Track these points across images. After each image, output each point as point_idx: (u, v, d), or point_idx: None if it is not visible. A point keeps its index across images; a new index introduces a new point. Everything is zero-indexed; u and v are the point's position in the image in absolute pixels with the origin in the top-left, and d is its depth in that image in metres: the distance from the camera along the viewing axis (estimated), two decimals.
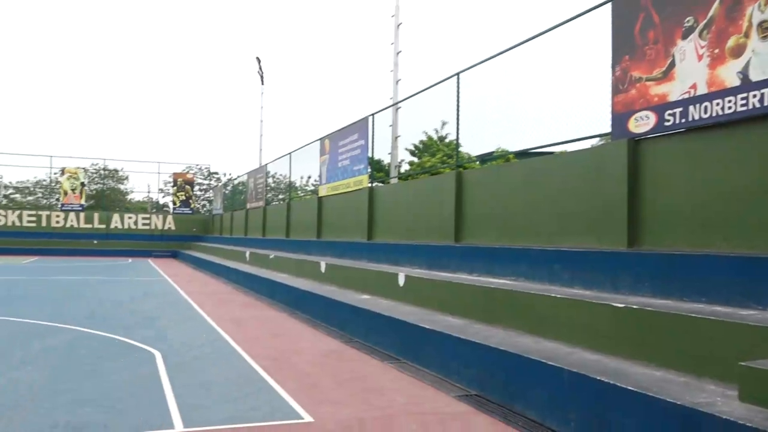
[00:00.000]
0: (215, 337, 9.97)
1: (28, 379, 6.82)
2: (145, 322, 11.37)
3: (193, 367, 7.62)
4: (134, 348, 8.76)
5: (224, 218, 35.84)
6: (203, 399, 6.15)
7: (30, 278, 21.00)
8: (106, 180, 47.09)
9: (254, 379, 7.14)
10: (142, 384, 6.69)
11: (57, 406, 5.78)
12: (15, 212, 38.95)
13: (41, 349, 8.57)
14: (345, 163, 16.49)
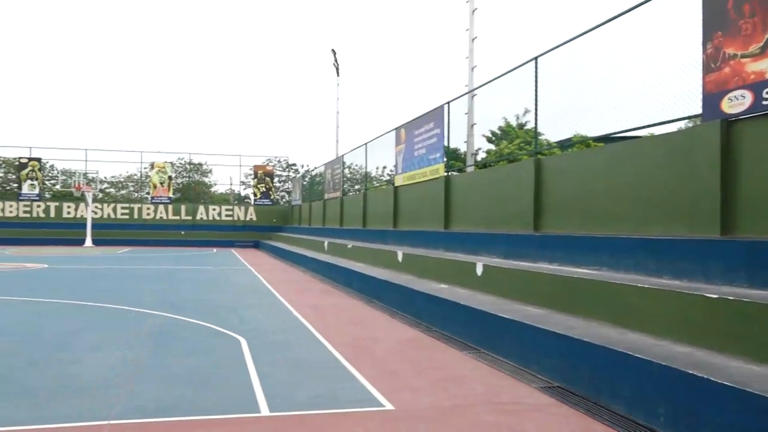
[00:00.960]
0: (296, 324, 10.23)
1: (122, 358, 7.24)
2: (230, 309, 11.82)
3: (276, 353, 7.85)
4: (220, 334, 9.12)
5: (303, 209, 36.64)
6: (286, 384, 6.33)
7: (124, 267, 22.28)
8: (191, 173, 49.15)
9: (334, 366, 7.28)
10: (228, 368, 6.96)
11: (152, 384, 6.12)
12: (110, 206, 41.38)
13: (137, 333, 9.07)
14: (421, 152, 16.46)
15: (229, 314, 11.07)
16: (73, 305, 11.95)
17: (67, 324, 9.85)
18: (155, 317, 10.56)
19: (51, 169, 44.21)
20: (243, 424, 5.04)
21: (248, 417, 5.22)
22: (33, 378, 6.40)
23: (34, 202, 39.87)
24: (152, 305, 11.97)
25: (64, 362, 7.13)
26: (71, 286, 15.64)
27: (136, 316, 10.75)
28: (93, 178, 39.61)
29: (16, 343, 8.17)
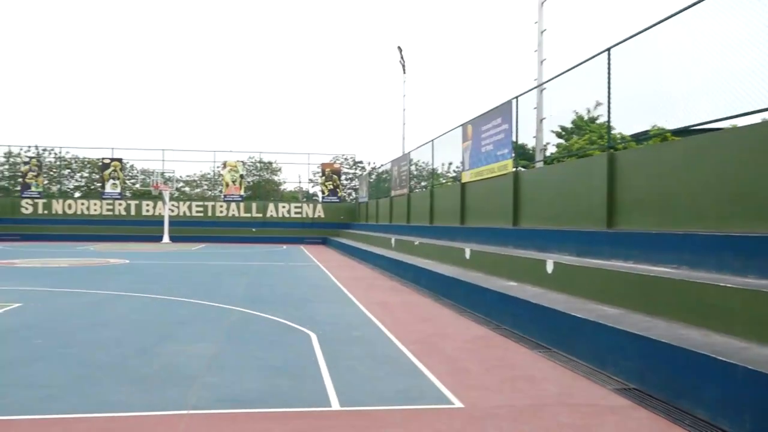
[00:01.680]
0: (365, 321, 10.32)
1: (201, 353, 7.51)
2: (301, 304, 12.06)
3: (346, 349, 7.95)
4: (292, 329, 9.32)
5: (369, 206, 36.93)
6: (356, 379, 6.39)
7: (200, 263, 23.12)
8: (261, 172, 50.39)
9: (403, 362, 7.30)
10: (300, 362, 7.10)
11: (228, 377, 6.32)
12: (185, 203, 43.02)
13: (211, 327, 9.40)
14: (488, 148, 16.26)
15: (300, 310, 11.29)
16: (155, 299, 12.49)
17: (150, 317, 10.30)
18: (231, 312, 10.90)
19: (131, 169, 46.33)
20: (315, 418, 5.13)
21: (320, 411, 5.31)
22: (138, 367, 6.73)
23: (116, 200, 41.94)
24: (227, 300, 12.36)
25: (149, 354, 7.47)
26: (152, 281, 16.36)
27: (213, 310, 11.13)
28: (170, 177, 41.25)
29: (107, 337, 8.62)
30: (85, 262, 22.88)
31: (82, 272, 18.67)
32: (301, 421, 5.03)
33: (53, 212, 41.20)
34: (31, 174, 41.81)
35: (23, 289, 13.62)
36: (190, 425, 4.87)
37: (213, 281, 16.42)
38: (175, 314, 10.62)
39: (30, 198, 41.25)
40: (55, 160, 45.38)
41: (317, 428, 4.88)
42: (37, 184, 41.84)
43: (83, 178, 47.38)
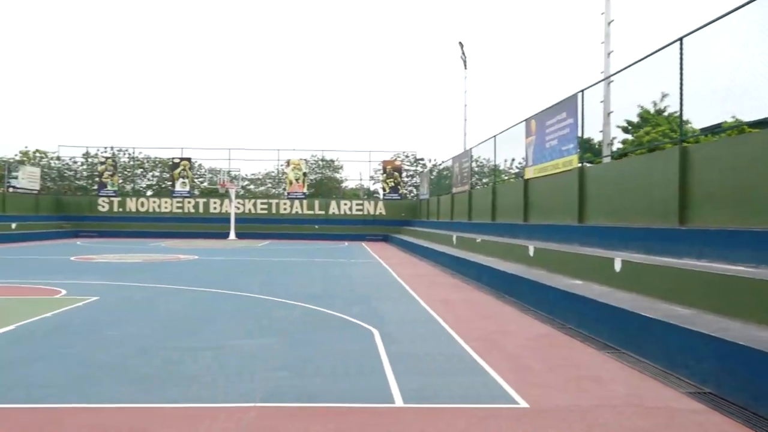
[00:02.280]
0: (427, 317, 10.32)
1: (267, 348, 7.69)
2: (363, 300, 12.16)
3: (408, 345, 7.97)
4: (353, 324, 9.41)
5: (430, 203, 36.84)
6: (419, 376, 6.40)
7: (265, 259, 23.67)
8: (324, 170, 51.07)
9: (465, 359, 7.26)
10: (362, 358, 7.17)
11: (292, 371, 6.45)
12: (250, 201, 44.12)
13: (278, 322, 9.61)
14: (552, 143, 15.92)
15: (362, 306, 11.39)
16: (223, 294, 12.88)
17: (218, 311, 10.63)
18: (295, 307, 11.11)
19: (199, 168, 47.86)
20: (378, 414, 5.17)
21: (383, 407, 5.34)
22: (206, 359, 6.98)
23: (185, 198, 43.45)
24: (292, 296, 12.60)
25: (217, 348, 7.71)
26: (219, 276, 16.87)
27: (279, 305, 11.38)
28: (236, 175, 42.39)
29: (178, 328, 8.95)
30: (157, 257, 23.82)
31: (154, 267, 19.45)
32: (364, 417, 5.08)
33: (127, 210, 43.09)
34: (107, 174, 43.85)
35: (101, 283, 14.30)
36: (257, 418, 4.99)
37: (277, 277, 16.78)
38: (242, 309, 10.91)
39: (106, 196, 43.27)
40: (129, 160, 47.41)
41: (381, 425, 4.92)
42: (112, 183, 43.84)
43: (155, 177, 49.32)
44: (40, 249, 28.32)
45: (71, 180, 48.04)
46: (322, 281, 15.89)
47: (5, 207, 36.74)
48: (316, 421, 4.95)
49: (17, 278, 15.39)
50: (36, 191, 41.57)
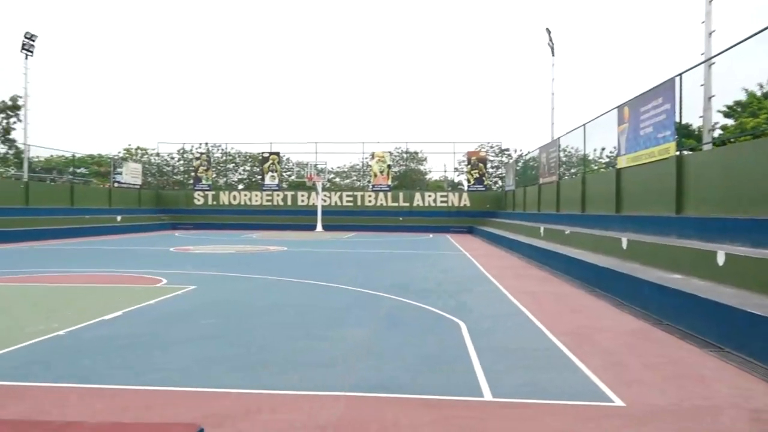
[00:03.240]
0: (514, 311, 10.16)
1: (358, 338, 7.83)
2: (449, 293, 12.13)
3: (495, 339, 7.88)
4: (441, 317, 9.41)
5: (516, 194, 36.16)
6: (507, 370, 6.32)
7: (351, 251, 24.08)
8: (408, 162, 51.26)
9: (555, 354, 7.09)
10: (450, 351, 7.15)
11: (382, 362, 6.54)
12: (336, 194, 44.98)
13: (366, 314, 9.76)
14: (647, 130, 15.20)
15: (449, 298, 11.36)
16: (312, 285, 13.22)
17: (306, 302, 10.93)
18: (383, 299, 11.24)
19: (287, 161, 49.31)
20: (468, 408, 5.14)
21: (472, 400, 5.32)
22: (299, 349, 7.21)
23: (274, 191, 44.86)
24: (379, 287, 12.76)
25: (312, 337, 7.93)
26: (308, 268, 17.32)
27: (366, 297, 11.55)
28: (322, 168, 43.31)
29: (277, 319, 9.29)
30: (249, 249, 24.76)
31: (246, 258, 20.24)
32: (453, 410, 5.07)
33: (221, 203, 45.02)
34: (202, 168, 45.95)
35: (197, 273, 15.05)
36: (348, 407, 5.10)
37: (364, 269, 17.03)
38: (332, 300, 11.15)
39: (201, 190, 45.39)
40: (222, 155, 49.51)
41: (470, 418, 4.90)
42: (207, 178, 45.91)
43: (245, 171, 51.28)
44: (142, 240, 30.14)
45: (169, 175, 50.74)
46: (407, 273, 15.98)
47: (111, 201, 39.32)
48: (406, 413, 4.99)
49: (123, 268, 16.45)
50: (138, 186, 44.20)
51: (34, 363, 6.43)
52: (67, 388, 5.56)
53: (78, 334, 7.80)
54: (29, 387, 5.59)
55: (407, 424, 4.71)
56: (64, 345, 7.24)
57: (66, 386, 5.62)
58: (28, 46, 35.28)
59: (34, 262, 18.12)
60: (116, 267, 16.68)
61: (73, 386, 5.62)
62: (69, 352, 6.92)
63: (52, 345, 7.22)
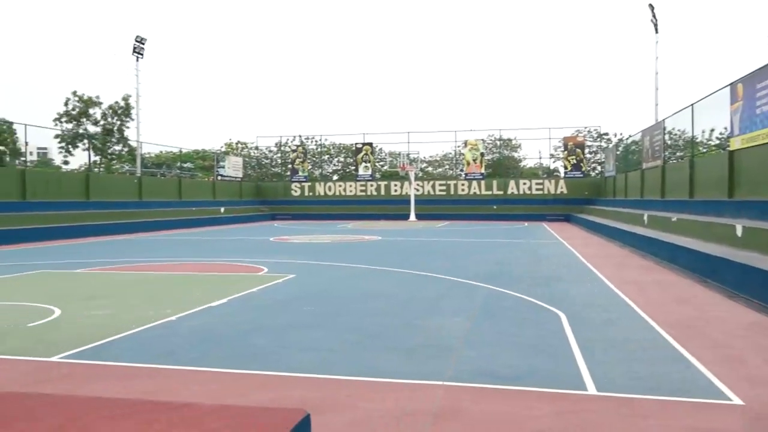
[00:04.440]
0: (616, 301, 9.77)
1: (456, 328, 7.81)
2: (546, 282, 11.84)
3: (598, 330, 7.62)
4: (539, 307, 9.21)
5: (617, 180, 34.67)
6: (612, 363, 6.09)
7: (445, 240, 24.04)
8: (501, 149, 50.37)
9: (662, 346, 6.76)
10: (550, 342, 6.98)
11: (481, 352, 6.49)
12: (429, 183, 44.99)
13: (464, 303, 9.72)
14: (765, 108, 14.08)
15: (546, 288, 11.09)
16: (408, 274, 13.33)
17: (402, 290, 11.02)
18: (479, 288, 11.15)
19: (380, 152, 49.79)
20: (572, 401, 5.00)
21: (575, 393, 5.16)
22: (399, 337, 7.33)
23: (368, 181, 45.50)
24: (474, 276, 12.66)
25: (410, 325, 8.01)
26: (402, 257, 17.47)
27: (462, 286, 11.50)
28: (415, 158, 43.41)
29: (379, 307, 9.46)
30: (344, 238, 25.29)
31: (342, 247, 20.69)
32: (556, 403, 4.94)
33: (316, 194, 46.24)
34: (298, 160, 47.36)
35: (296, 262, 15.55)
36: (448, 396, 5.10)
37: (458, 258, 16.95)
38: (429, 289, 11.19)
39: (298, 182, 46.80)
40: (317, 147, 50.75)
41: (574, 411, 4.76)
42: (303, 170, 47.28)
43: (339, 162, 52.34)
44: (244, 230, 31.52)
45: (268, 167, 52.67)
46: (502, 262, 15.75)
47: (215, 193, 41.35)
48: (505, 404, 4.93)
49: (226, 257, 17.28)
50: (239, 179, 46.20)
51: (149, 346, 6.89)
52: (179, 371, 5.92)
53: (188, 320, 8.28)
54: (144, 368, 5.99)
55: (509, 415, 4.66)
56: (175, 330, 7.70)
57: (178, 368, 5.98)
58: (138, 49, 37.65)
59: (147, 252, 19.39)
60: (220, 256, 17.55)
61: (185, 369, 5.97)
62: (180, 336, 7.35)
63: (164, 330, 7.71)
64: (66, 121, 42.93)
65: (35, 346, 6.88)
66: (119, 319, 8.30)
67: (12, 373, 5.88)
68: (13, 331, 7.67)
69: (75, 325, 7.97)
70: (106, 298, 10.10)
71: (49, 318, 8.38)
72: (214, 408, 2.67)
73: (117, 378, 5.71)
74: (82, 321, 8.25)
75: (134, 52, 37.51)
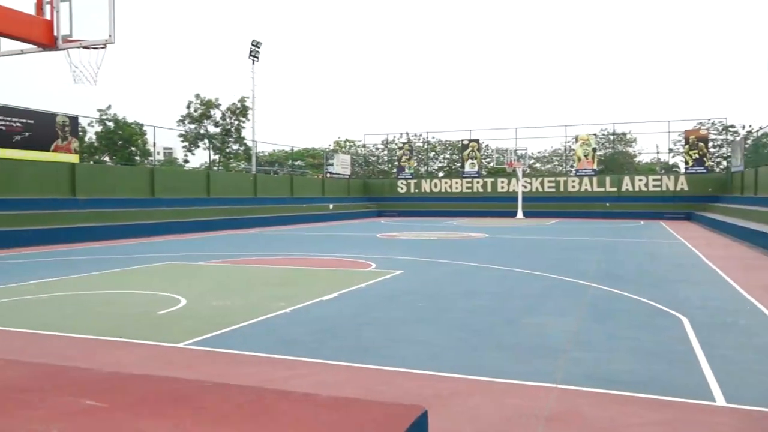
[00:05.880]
0: (747, 306, 9.05)
1: (564, 328, 7.56)
2: (665, 284, 11.19)
3: (727, 337, 7.09)
4: (659, 311, 8.71)
5: (746, 175, 32.09)
6: (744, 373, 5.64)
7: (555, 239, 23.34)
8: (615, 144, 48.16)
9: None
10: (671, 348, 6.58)
11: (595, 354, 6.24)
12: (537, 179, 43.88)
13: (571, 303, 9.39)
14: None
15: (665, 290, 10.48)
16: (514, 272, 13.08)
17: (511, 289, 10.82)
18: (588, 288, 10.73)
19: (487, 148, 49.18)
20: (697, 411, 4.68)
21: (700, 404, 4.83)
22: (506, 335, 7.24)
23: (474, 178, 45.09)
24: (588, 276, 12.20)
25: (516, 324, 7.86)
26: (510, 254, 17.16)
27: (570, 285, 11.12)
28: (522, 154, 42.47)
29: (486, 305, 9.39)
30: (450, 235, 25.20)
31: (448, 244, 20.64)
32: (679, 412, 4.65)
33: (422, 191, 46.43)
34: (405, 158, 47.77)
35: (404, 258, 15.69)
36: (560, 399, 4.95)
37: (568, 256, 16.39)
38: (535, 287, 10.92)
39: (404, 179, 47.22)
40: (423, 144, 50.93)
41: (700, 423, 4.45)
42: (409, 167, 47.63)
43: (445, 159, 52.23)
44: (352, 227, 32.24)
45: (375, 165, 53.54)
46: (615, 261, 15.05)
47: (324, 190, 42.60)
48: (626, 411, 4.70)
49: (335, 252, 17.74)
50: (347, 176, 47.29)
51: (266, 337, 7.21)
52: (295, 361, 6.15)
53: (301, 312, 8.58)
54: (262, 357, 6.27)
55: (628, 423, 4.45)
56: (291, 321, 8.01)
57: (294, 359, 6.21)
58: (254, 52, 39.49)
59: (261, 246, 20.32)
60: (330, 251, 18.05)
61: (300, 359, 6.19)
62: (295, 328, 7.63)
63: (280, 321, 8.03)
64: (189, 122, 45.88)
65: (164, 332, 7.41)
66: (237, 310, 8.76)
67: (142, 357, 6.36)
68: (145, 318, 8.31)
69: (198, 314, 8.50)
70: (226, 290, 10.70)
71: (176, 307, 9.00)
72: (333, 400, 2.75)
73: (237, 364, 6.02)
74: (205, 310, 8.79)
75: (250, 56, 39.36)
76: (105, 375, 3.34)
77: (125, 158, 38.84)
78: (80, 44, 8.17)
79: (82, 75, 8.53)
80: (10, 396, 2.83)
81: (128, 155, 39.51)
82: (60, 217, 22.30)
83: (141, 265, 14.51)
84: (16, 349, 6.59)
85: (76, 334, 7.25)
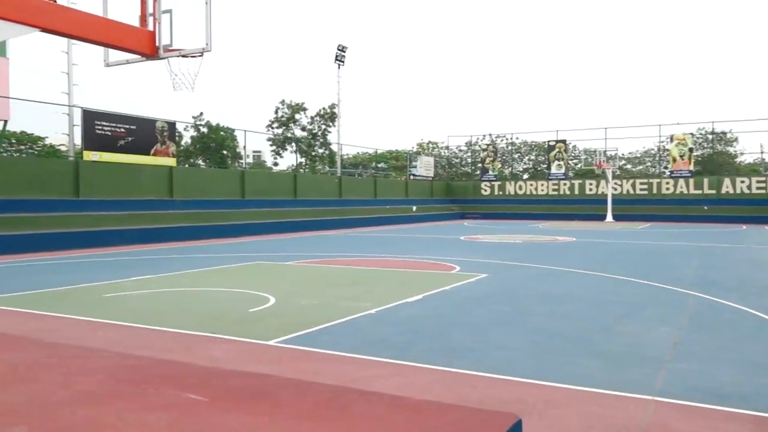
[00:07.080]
0: None
1: (662, 337, 7.19)
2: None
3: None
4: (766, 322, 8.12)
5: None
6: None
7: (647, 243, 22.30)
8: (713, 144, 45.50)
9: None
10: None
11: (695, 366, 5.89)
12: (628, 181, 42.12)
13: (669, 311, 8.92)
14: None
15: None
16: (605, 277, 12.58)
17: (603, 295, 10.41)
18: (687, 296, 10.16)
19: (574, 149, 47.76)
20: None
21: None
22: (601, 343, 6.98)
23: (561, 180, 43.84)
24: (686, 284, 11.56)
25: (609, 331, 7.56)
26: (600, 259, 16.54)
27: (667, 293, 10.58)
28: (612, 155, 40.89)
29: (581, 310, 9.12)
30: (536, 238, 24.62)
31: (533, 248, 20.16)
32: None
33: (506, 193, 45.66)
34: (488, 159, 47.17)
35: (488, 261, 15.47)
36: (660, 411, 4.70)
37: (663, 262, 15.61)
38: (628, 294, 10.45)
39: (488, 181, 46.62)
40: (507, 145, 50.09)
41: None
42: (493, 168, 46.98)
43: (530, 161, 51.14)
44: (435, 229, 32.15)
45: (458, 167, 53.19)
46: (715, 268, 14.19)
47: (407, 192, 42.74)
48: (729, 429, 4.40)
49: (419, 254, 17.73)
50: (430, 178, 47.22)
51: (352, 336, 7.28)
52: (380, 362, 6.17)
53: (387, 314, 8.61)
54: (349, 357, 6.33)
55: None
56: (376, 322, 8.05)
57: (379, 360, 6.24)
58: (340, 56, 40.21)
59: (346, 247, 20.62)
60: (414, 253, 18.06)
61: (386, 360, 6.21)
62: (381, 329, 7.67)
63: (366, 322, 8.10)
64: (276, 126, 47.30)
65: (255, 329, 7.65)
66: (325, 309, 8.91)
67: (235, 352, 6.58)
68: (237, 315, 8.62)
69: (287, 313, 8.72)
70: (312, 289, 10.92)
71: (265, 305, 9.27)
72: (425, 404, 2.73)
73: (325, 363, 6.12)
74: (293, 309, 9.00)
75: (336, 60, 40.09)
76: (203, 369, 3.48)
77: (217, 161, 40.55)
78: (179, 53, 8.60)
79: (181, 82, 8.98)
80: (119, 387, 3.00)
81: (220, 158, 41.22)
82: (160, 217, 23.58)
83: (232, 264, 15.08)
84: (123, 342, 6.99)
85: (175, 329, 7.61)
